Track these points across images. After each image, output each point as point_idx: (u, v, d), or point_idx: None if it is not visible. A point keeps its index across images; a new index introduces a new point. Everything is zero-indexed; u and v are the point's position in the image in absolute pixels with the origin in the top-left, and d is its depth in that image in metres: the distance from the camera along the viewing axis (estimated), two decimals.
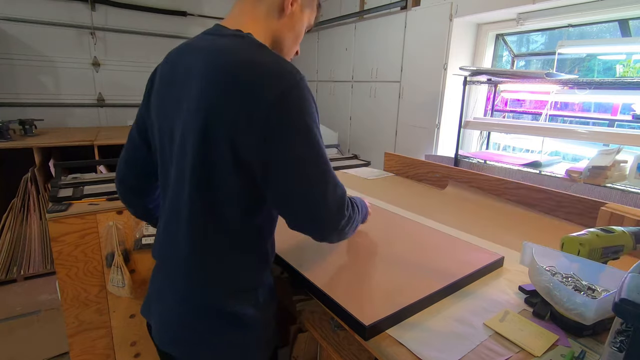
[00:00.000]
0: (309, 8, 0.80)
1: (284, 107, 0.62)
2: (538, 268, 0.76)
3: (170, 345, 0.79)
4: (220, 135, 0.63)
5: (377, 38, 3.05)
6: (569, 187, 1.76)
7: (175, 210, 0.74)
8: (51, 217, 1.24)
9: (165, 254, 0.79)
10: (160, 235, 0.80)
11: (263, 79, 0.62)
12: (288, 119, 0.62)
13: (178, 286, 0.76)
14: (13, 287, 2.41)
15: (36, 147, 2.48)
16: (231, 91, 0.62)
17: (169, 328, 0.78)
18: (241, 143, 0.63)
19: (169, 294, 0.78)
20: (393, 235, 1.11)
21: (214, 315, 0.74)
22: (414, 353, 0.65)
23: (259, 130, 0.62)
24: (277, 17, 0.74)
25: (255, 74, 0.62)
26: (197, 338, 0.75)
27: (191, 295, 0.75)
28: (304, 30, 0.82)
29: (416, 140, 2.78)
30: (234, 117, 0.62)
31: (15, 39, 3.05)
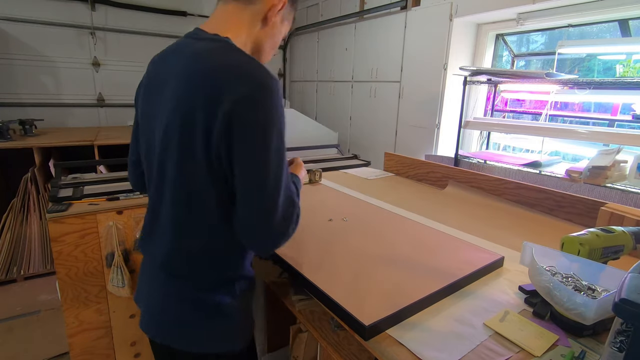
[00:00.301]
0: (287, 20, 0.86)
1: (249, 105, 0.65)
2: (538, 268, 0.76)
3: (153, 331, 0.83)
4: (195, 134, 0.68)
5: (377, 38, 3.05)
6: (569, 187, 1.76)
7: (158, 205, 0.78)
8: (51, 217, 1.24)
9: (149, 246, 0.83)
10: (146, 227, 0.84)
11: (233, 80, 0.66)
12: (252, 119, 0.66)
13: (160, 277, 0.80)
14: (13, 287, 2.41)
15: (36, 147, 2.48)
16: (204, 92, 0.67)
17: (152, 316, 0.83)
18: (212, 141, 0.67)
19: (153, 283, 0.82)
20: (393, 235, 1.11)
21: (193, 305, 0.78)
22: (414, 353, 0.65)
23: (226, 128, 0.65)
24: (260, 26, 0.80)
25: (227, 75, 0.67)
26: (178, 326, 0.79)
27: (172, 285, 0.79)
28: (280, 39, 0.87)
29: (416, 140, 2.78)
30: (206, 116, 0.66)
31: (15, 39, 3.05)
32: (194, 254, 0.77)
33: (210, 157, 0.68)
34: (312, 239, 1.06)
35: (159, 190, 0.78)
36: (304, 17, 4.20)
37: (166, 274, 0.80)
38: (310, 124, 3.03)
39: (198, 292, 0.78)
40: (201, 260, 0.77)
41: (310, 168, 1.74)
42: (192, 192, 0.72)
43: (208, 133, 0.67)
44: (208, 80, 0.67)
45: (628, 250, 0.84)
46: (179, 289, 0.79)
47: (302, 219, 1.20)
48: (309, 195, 1.52)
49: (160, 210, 0.78)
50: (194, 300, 0.78)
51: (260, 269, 1.23)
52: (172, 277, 0.79)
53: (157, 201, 0.79)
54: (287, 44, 4.50)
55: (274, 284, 1.13)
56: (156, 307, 0.82)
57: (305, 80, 4.20)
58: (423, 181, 1.87)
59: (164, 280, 0.80)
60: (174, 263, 0.78)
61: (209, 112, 0.66)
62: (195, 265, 0.77)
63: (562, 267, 0.81)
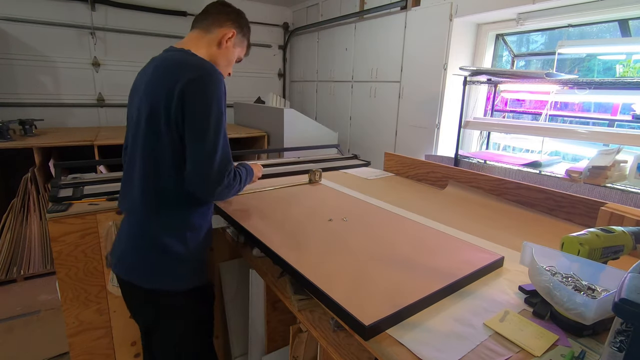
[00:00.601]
0: (240, 47, 1.16)
1: (197, 84, 0.93)
2: (538, 268, 0.76)
3: (119, 269, 1.07)
4: (159, 112, 0.95)
5: (377, 38, 3.05)
6: (569, 187, 1.77)
7: (131, 170, 1.05)
8: (51, 217, 1.24)
9: (123, 203, 1.09)
10: (122, 188, 1.11)
11: (186, 70, 0.94)
12: (199, 93, 0.93)
13: (131, 225, 1.05)
14: (13, 287, 2.41)
15: (36, 147, 2.47)
16: (165, 81, 0.95)
17: (119, 257, 1.07)
18: (171, 115, 0.94)
19: (122, 233, 1.08)
20: (393, 235, 1.11)
21: (149, 246, 1.02)
22: (414, 353, 0.65)
23: (180, 101, 0.92)
24: (216, 48, 1.10)
25: (181, 68, 0.95)
26: (135, 264, 1.04)
27: (134, 230, 1.04)
28: (234, 60, 1.16)
29: (416, 140, 2.78)
30: (167, 97, 0.93)
31: (15, 39, 3.05)
32: (154, 203, 1.01)
33: (169, 128, 0.94)
34: (312, 239, 1.06)
35: (132, 158, 1.04)
36: (304, 17, 4.20)
37: (131, 221, 1.05)
38: (310, 124, 3.03)
39: (153, 236, 1.01)
40: (159, 208, 1.01)
41: (310, 168, 1.74)
42: (157, 156, 0.98)
43: (168, 110, 0.94)
44: (168, 73, 0.96)
45: (628, 250, 0.84)
46: (139, 233, 1.03)
47: (302, 219, 1.22)
48: (309, 195, 1.52)
49: (133, 174, 1.03)
50: (150, 242, 1.02)
51: (261, 269, 1.23)
52: (134, 224, 1.04)
53: (130, 167, 1.05)
54: (287, 44, 4.50)
55: (274, 284, 1.13)
56: (122, 249, 1.06)
57: (305, 80, 4.20)
58: (423, 181, 1.87)
59: (129, 227, 1.05)
60: (139, 209, 1.03)
61: (168, 94, 0.93)
62: (153, 212, 1.01)
63: (562, 267, 0.81)
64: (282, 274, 1.15)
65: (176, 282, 1.05)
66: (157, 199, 1.01)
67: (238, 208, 1.32)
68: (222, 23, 1.10)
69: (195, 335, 1.15)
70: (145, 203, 1.01)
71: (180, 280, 1.06)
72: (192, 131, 0.93)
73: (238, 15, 1.14)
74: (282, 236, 1.08)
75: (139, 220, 1.03)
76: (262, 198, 1.44)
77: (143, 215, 1.03)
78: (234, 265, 1.68)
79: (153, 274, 1.03)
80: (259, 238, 1.07)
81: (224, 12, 1.11)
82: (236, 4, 1.18)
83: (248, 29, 1.18)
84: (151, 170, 0.99)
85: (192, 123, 0.93)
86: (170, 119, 0.94)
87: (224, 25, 1.10)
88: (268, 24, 4.32)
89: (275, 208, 1.33)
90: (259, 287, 1.48)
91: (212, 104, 0.93)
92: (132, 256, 1.04)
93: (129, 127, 1.08)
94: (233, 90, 4.24)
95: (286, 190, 1.57)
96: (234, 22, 1.12)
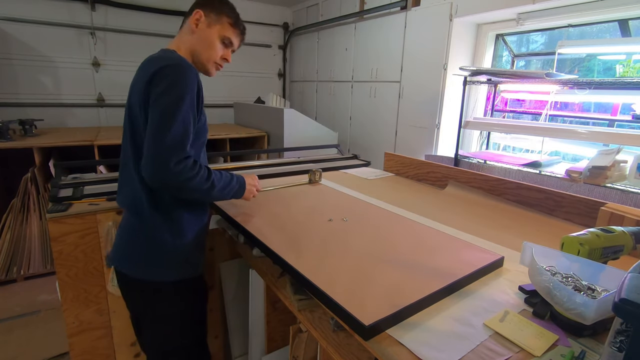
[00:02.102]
0: (218, 24, 1.11)
1: (161, 74, 0.96)
2: (538, 268, 0.76)
3: (115, 261, 1.12)
4: (137, 106, 1.00)
5: (377, 38, 3.05)
6: (569, 187, 1.77)
7: (124, 164, 1.09)
8: (51, 217, 1.24)
9: (119, 197, 1.13)
10: (119, 183, 1.13)
11: (158, 63, 0.98)
12: (161, 81, 0.95)
13: (126, 218, 1.10)
14: (13, 287, 2.41)
15: (36, 147, 2.47)
16: (143, 75, 0.99)
17: (115, 250, 1.12)
18: (144, 107, 0.98)
19: (121, 226, 1.12)
20: (393, 235, 1.11)
21: (141, 239, 1.06)
22: (414, 353, 0.65)
23: (146, 92, 0.97)
24: (190, 35, 1.10)
25: (156, 62, 0.99)
26: (128, 256, 1.08)
27: (128, 223, 1.09)
28: (215, 40, 1.12)
29: (416, 140, 2.78)
30: (142, 88, 0.97)
31: (15, 39, 3.05)
32: (145, 196, 1.03)
33: (146, 116, 0.97)
34: (312, 239, 1.06)
35: (124, 154, 1.09)
36: (304, 17, 4.20)
37: (125, 214, 1.10)
38: (310, 124, 3.03)
39: (145, 228, 1.05)
40: (150, 201, 1.04)
41: (310, 168, 1.74)
42: (139, 145, 1.01)
43: (142, 104, 0.98)
44: (146, 68, 1.00)
45: (628, 250, 0.84)
46: (131, 225, 1.07)
47: (302, 219, 1.22)
48: (309, 195, 1.52)
49: (126, 169, 1.08)
50: (141, 233, 1.05)
51: (261, 269, 1.23)
52: (128, 217, 1.09)
53: (124, 162, 1.10)
54: (287, 44, 4.50)
55: (274, 284, 1.13)
56: (118, 242, 1.12)
57: (305, 80, 4.20)
58: (423, 181, 1.87)
59: (125, 221, 1.10)
60: (132, 203, 1.06)
61: (144, 85, 0.97)
62: (145, 205, 1.04)
63: (562, 267, 0.81)
64: (282, 274, 1.15)
65: (166, 273, 1.08)
66: (147, 191, 1.03)
67: (238, 208, 1.32)
68: (190, 12, 1.12)
69: (185, 329, 1.16)
70: (137, 197, 1.04)
71: (170, 270, 1.08)
72: (151, 114, 0.94)
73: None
74: (282, 236, 1.08)
75: (132, 213, 1.07)
76: (262, 198, 1.44)
77: (136, 209, 1.06)
78: (234, 265, 1.68)
79: (143, 264, 1.07)
80: (259, 238, 1.07)
81: (194, 3, 1.12)
82: (236, 4, 1.18)
83: (223, 5, 1.13)
84: (138, 163, 1.01)
85: (152, 107, 0.95)
86: (144, 112, 0.98)
87: (192, 12, 1.11)
88: (268, 24, 4.32)
89: (275, 208, 1.33)
90: (259, 287, 1.48)
91: (170, 89, 0.94)
92: (124, 247, 1.09)
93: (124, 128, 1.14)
94: (233, 90, 4.24)
95: (286, 190, 1.57)
96: (200, 3, 1.11)
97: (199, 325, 1.23)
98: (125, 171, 1.09)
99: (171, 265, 1.08)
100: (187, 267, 1.12)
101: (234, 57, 1.22)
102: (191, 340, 1.19)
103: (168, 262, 1.08)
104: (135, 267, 1.08)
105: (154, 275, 1.08)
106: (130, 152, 1.05)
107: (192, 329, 1.19)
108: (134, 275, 1.08)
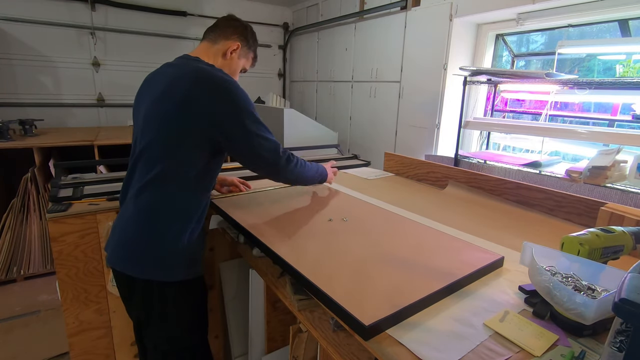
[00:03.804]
0: (245, 58, 1.26)
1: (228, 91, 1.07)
2: (538, 268, 0.76)
3: (115, 262, 1.09)
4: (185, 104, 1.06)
5: (377, 38, 3.05)
6: (569, 187, 1.76)
7: (135, 165, 1.11)
8: (51, 217, 1.24)
9: (124, 198, 1.14)
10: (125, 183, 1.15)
11: (217, 79, 1.06)
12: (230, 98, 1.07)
13: (125, 218, 1.09)
14: (13, 287, 2.41)
15: (36, 147, 2.48)
16: (197, 83, 1.04)
17: (114, 250, 1.10)
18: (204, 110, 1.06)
19: (117, 228, 1.11)
20: (393, 235, 1.11)
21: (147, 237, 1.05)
22: (414, 353, 0.65)
23: (217, 106, 1.07)
24: (222, 58, 1.19)
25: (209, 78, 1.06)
26: (131, 255, 1.07)
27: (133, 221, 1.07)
28: (238, 70, 1.27)
29: (416, 140, 2.78)
30: (205, 101, 1.06)
31: (15, 39, 3.05)
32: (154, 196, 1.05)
33: (195, 119, 1.07)
34: (312, 239, 1.06)
35: (143, 156, 1.09)
36: (304, 17, 4.20)
37: (135, 214, 1.06)
38: (310, 124, 3.03)
39: (155, 229, 1.04)
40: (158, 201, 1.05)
41: None
42: (176, 156, 1.09)
43: (203, 110, 1.05)
44: (194, 77, 1.06)
45: (628, 250, 0.84)
46: (139, 225, 1.05)
47: (302, 219, 1.22)
48: (309, 195, 1.52)
49: (136, 170, 1.10)
50: (145, 233, 1.05)
51: (261, 269, 1.23)
52: (136, 217, 1.06)
53: (135, 163, 1.11)
54: (287, 44, 4.50)
55: (274, 284, 1.13)
56: (121, 242, 1.09)
57: (305, 80, 4.20)
58: (423, 181, 1.87)
59: (130, 220, 1.07)
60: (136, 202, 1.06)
61: (207, 100, 1.05)
62: (151, 205, 1.05)
63: (562, 267, 0.81)
64: (282, 274, 1.15)
65: (175, 273, 1.08)
66: (157, 192, 1.05)
67: (238, 208, 1.32)
68: (228, 36, 1.19)
69: (191, 329, 1.16)
70: (155, 198, 1.05)
71: (178, 270, 1.09)
72: (240, 138, 1.09)
73: (245, 28, 1.22)
74: (282, 236, 1.08)
75: (145, 212, 1.06)
76: (262, 198, 1.44)
77: (152, 210, 1.05)
78: (234, 265, 1.68)
79: (152, 264, 1.06)
80: (259, 238, 1.07)
81: (232, 26, 1.20)
82: (237, 4, 1.21)
83: (254, 42, 1.27)
84: (166, 167, 1.04)
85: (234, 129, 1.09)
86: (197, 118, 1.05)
87: (230, 38, 1.19)
88: (268, 24, 4.32)
89: (276, 208, 1.33)
90: (259, 287, 1.48)
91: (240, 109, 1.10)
92: (130, 247, 1.07)
93: (142, 127, 1.11)
94: None
95: (286, 190, 1.57)
96: (240, 35, 1.21)
97: (203, 325, 1.24)
98: (134, 170, 1.10)
99: (180, 264, 1.09)
100: (192, 266, 1.13)
101: None
102: (195, 340, 1.19)
103: (177, 262, 1.08)
104: (142, 268, 1.07)
105: (162, 276, 1.07)
106: (157, 151, 1.05)
107: (196, 329, 1.19)
108: (140, 276, 1.07)
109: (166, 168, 1.04)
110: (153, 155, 1.06)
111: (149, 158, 1.06)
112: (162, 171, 1.04)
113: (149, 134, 1.06)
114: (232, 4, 3.93)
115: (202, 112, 1.03)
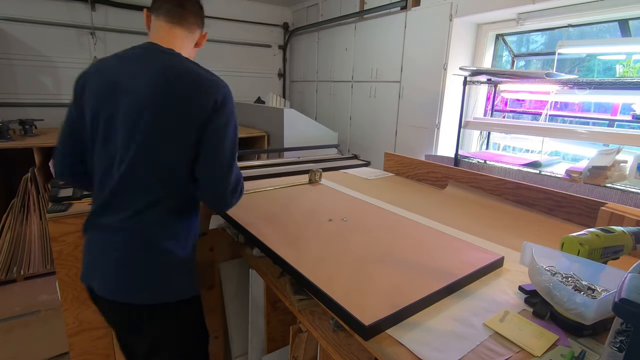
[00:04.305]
0: None
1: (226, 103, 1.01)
2: (538, 268, 0.76)
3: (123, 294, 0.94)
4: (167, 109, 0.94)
5: (377, 38, 3.05)
6: (569, 187, 1.76)
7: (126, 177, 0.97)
8: (51, 217, 1.24)
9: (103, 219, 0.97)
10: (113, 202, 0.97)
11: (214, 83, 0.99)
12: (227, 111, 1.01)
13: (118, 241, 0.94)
14: (13, 287, 2.41)
15: (36, 147, 2.47)
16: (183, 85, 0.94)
17: (106, 280, 0.94)
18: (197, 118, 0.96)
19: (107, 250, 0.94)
20: (393, 235, 1.11)
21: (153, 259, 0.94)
22: (414, 353, 0.65)
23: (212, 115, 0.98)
24: (192, 48, 1.11)
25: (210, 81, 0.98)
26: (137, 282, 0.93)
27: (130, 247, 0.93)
28: None
29: (416, 140, 2.78)
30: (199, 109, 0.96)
31: (15, 39, 3.05)
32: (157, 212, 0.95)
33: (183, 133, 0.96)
34: (312, 239, 1.06)
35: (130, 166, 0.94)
36: (304, 17, 4.20)
37: (131, 236, 0.93)
38: (310, 124, 3.03)
39: (156, 248, 0.93)
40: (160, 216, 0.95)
41: (310, 168, 1.74)
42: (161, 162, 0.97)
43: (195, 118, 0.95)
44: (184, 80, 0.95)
45: (628, 250, 0.84)
46: (137, 249, 0.93)
47: (302, 219, 1.22)
48: (309, 195, 1.52)
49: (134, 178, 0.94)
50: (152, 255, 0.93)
51: (261, 269, 1.23)
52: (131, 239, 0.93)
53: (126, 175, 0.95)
54: (287, 44, 4.50)
55: (274, 284, 1.13)
56: (116, 271, 0.93)
57: (305, 80, 4.20)
58: (423, 181, 1.87)
59: (123, 244, 0.93)
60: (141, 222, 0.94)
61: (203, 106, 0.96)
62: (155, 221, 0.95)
63: (562, 267, 0.81)
64: (282, 274, 1.15)
65: (185, 290, 1.00)
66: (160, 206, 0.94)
67: (237, 208, 1.32)
68: (199, 23, 1.10)
69: (195, 343, 1.12)
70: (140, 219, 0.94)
71: (187, 286, 1.01)
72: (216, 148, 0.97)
73: (203, 11, 1.13)
74: (282, 236, 1.08)
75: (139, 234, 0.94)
76: (262, 198, 1.44)
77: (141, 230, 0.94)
78: (234, 265, 1.68)
79: (160, 286, 0.95)
80: (259, 238, 1.07)
81: (200, 12, 1.09)
82: (236, 4, 1.20)
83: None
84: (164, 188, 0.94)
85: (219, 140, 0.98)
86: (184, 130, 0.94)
87: (201, 26, 1.11)
88: (268, 24, 4.32)
89: (275, 208, 1.33)
90: (259, 287, 1.48)
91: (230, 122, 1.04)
92: (131, 274, 0.93)
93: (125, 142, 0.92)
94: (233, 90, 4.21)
95: (286, 190, 1.57)
96: (203, 24, 1.13)
97: (206, 335, 1.19)
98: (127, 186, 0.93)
99: (188, 280, 1.01)
100: (196, 277, 1.06)
101: (234, 56, 1.25)
102: (204, 348, 1.16)
103: (184, 278, 1.00)
104: (146, 292, 0.94)
105: (179, 295, 0.98)
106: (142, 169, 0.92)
107: (206, 337, 1.16)
108: (144, 302, 0.94)
109: (164, 189, 0.94)
110: (148, 176, 0.92)
111: (140, 180, 0.92)
112: (161, 194, 0.94)
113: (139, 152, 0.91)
114: (232, 4, 3.93)
115: (200, 128, 0.93)
